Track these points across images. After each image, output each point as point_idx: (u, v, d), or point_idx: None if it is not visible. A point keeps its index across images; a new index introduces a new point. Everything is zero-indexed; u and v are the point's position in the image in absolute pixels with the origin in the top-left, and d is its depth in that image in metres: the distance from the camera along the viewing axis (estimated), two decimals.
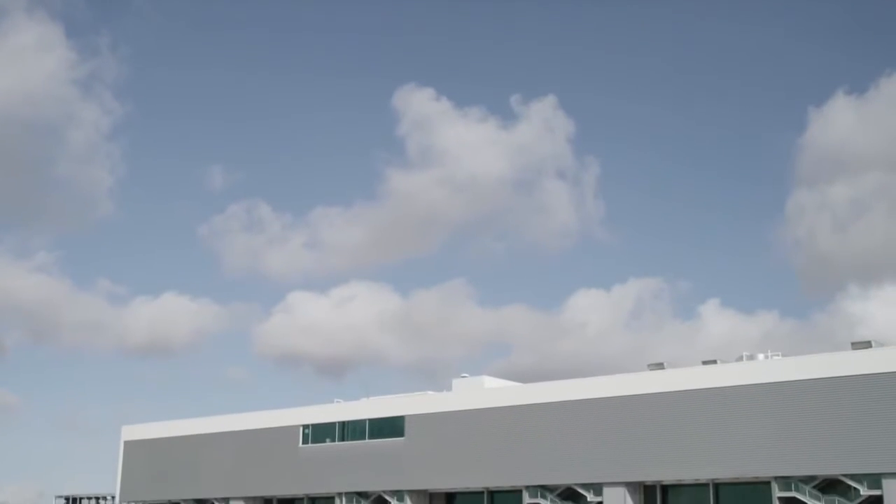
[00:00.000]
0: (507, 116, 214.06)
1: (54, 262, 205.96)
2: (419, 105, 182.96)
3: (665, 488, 76.23)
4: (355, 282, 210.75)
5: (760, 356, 75.10)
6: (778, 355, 74.64)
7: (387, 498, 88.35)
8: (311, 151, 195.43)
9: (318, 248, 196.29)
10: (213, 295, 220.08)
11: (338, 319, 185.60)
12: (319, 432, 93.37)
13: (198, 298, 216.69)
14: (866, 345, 69.49)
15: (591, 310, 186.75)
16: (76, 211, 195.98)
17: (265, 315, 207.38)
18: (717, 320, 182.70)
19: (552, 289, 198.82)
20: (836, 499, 67.74)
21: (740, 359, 76.00)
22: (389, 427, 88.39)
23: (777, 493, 69.40)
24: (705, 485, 73.68)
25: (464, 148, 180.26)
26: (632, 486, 75.65)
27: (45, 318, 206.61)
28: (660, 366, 77.97)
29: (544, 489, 79.77)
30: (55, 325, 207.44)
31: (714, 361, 76.01)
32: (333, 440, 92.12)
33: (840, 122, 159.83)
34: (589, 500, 77.24)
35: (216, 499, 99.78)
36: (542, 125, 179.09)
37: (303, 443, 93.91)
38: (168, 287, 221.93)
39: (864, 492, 66.28)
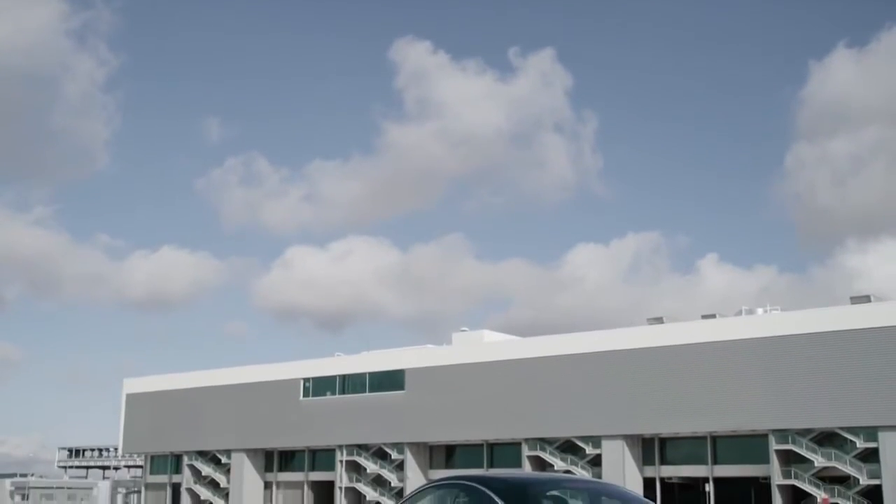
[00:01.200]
0: (504, 69, 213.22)
1: (52, 216, 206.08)
2: (417, 58, 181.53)
3: (663, 441, 76.91)
4: (353, 236, 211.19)
5: (759, 311, 75.43)
6: (777, 310, 74.96)
7: (387, 450, 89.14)
8: (307, 104, 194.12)
9: (316, 201, 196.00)
10: (211, 249, 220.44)
11: (336, 274, 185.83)
12: (320, 385, 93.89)
13: (196, 252, 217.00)
14: (865, 299, 69.79)
15: (590, 264, 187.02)
16: (73, 164, 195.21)
17: (264, 269, 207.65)
18: (715, 275, 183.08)
19: (550, 243, 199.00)
20: (833, 451, 68.40)
21: (739, 313, 76.33)
22: (389, 380, 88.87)
23: (774, 445, 70.06)
24: (703, 438, 74.33)
25: (461, 101, 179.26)
26: (630, 439, 76.33)
27: (44, 271, 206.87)
28: (659, 320, 78.29)
29: (543, 442, 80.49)
30: (55, 278, 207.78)
31: (713, 316, 76.38)
32: (334, 393, 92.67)
33: (840, 75, 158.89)
34: (587, 452, 78.01)
35: (218, 451, 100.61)
36: (540, 78, 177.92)
37: (303, 396, 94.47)
38: (166, 241, 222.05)
39: (861, 444, 66.93)
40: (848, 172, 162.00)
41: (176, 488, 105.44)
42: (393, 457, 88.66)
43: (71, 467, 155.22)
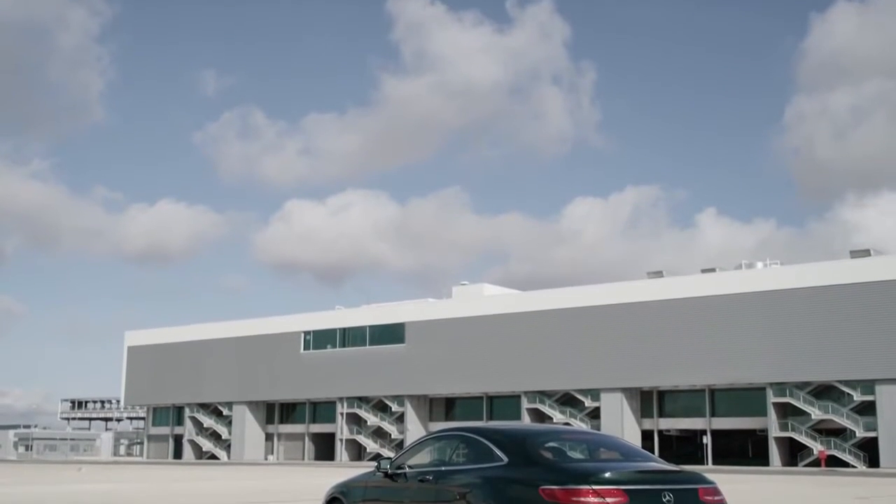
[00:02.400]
0: (502, 21, 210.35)
1: (49, 169, 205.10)
2: (413, 9, 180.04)
3: (661, 394, 77.44)
4: (351, 190, 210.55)
5: (759, 264, 75.49)
6: (776, 264, 75.04)
7: (387, 403, 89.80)
8: (303, 57, 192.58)
9: (314, 155, 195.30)
10: (209, 202, 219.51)
11: (335, 227, 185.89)
12: (320, 338, 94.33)
13: (194, 206, 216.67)
14: (865, 253, 69.83)
15: (588, 218, 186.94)
16: (68, 116, 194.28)
17: (263, 223, 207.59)
18: (713, 228, 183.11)
19: (549, 197, 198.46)
20: (830, 404, 68.88)
21: (739, 267, 76.41)
22: (390, 333, 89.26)
23: (771, 398, 70.54)
24: (701, 391, 74.82)
25: (458, 53, 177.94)
26: (629, 392, 76.85)
27: (42, 224, 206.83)
28: (658, 274, 78.41)
29: (543, 395, 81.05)
30: (53, 231, 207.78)
31: (713, 270, 76.46)
32: (334, 346, 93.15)
33: (841, 27, 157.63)
34: (586, 405, 78.57)
35: (219, 403, 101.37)
36: (538, 29, 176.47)
37: (304, 349, 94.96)
38: (164, 194, 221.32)
39: (858, 397, 67.39)
40: (848, 125, 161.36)
41: (178, 440, 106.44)
42: (393, 409, 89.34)
43: (74, 419, 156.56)
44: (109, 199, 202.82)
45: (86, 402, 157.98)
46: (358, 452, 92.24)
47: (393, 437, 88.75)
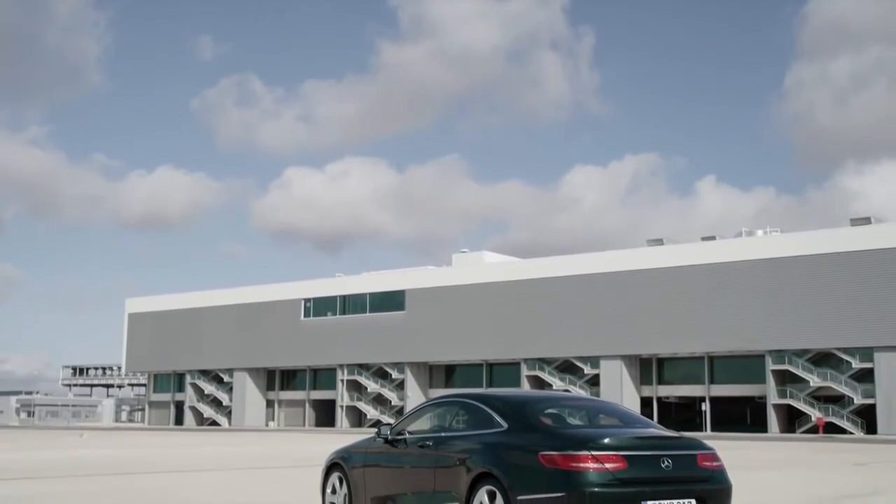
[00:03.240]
0: None
1: (47, 136, 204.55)
2: None
3: (661, 361, 77.70)
4: (350, 157, 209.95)
5: (759, 232, 75.45)
6: (777, 231, 74.99)
7: (387, 370, 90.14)
8: (300, 23, 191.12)
9: (312, 122, 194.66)
10: (207, 169, 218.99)
11: (334, 195, 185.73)
12: (321, 306, 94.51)
13: (193, 173, 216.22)
14: (865, 221, 69.79)
15: (588, 186, 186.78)
16: (65, 82, 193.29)
17: (262, 191, 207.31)
18: (712, 196, 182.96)
19: (548, 164, 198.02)
20: (829, 371, 69.14)
21: (739, 235, 76.37)
22: (390, 301, 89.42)
23: (770, 366, 70.79)
24: (700, 358, 75.07)
25: (457, 19, 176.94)
26: (628, 359, 77.10)
27: (41, 191, 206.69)
28: (658, 241, 78.41)
29: (542, 362, 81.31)
30: (52, 199, 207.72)
31: (713, 237, 76.42)
32: (335, 314, 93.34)
33: None
34: (586, 372, 78.85)
35: (220, 370, 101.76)
36: None
37: (304, 316, 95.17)
38: (163, 161, 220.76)
39: (856, 365, 67.62)
40: (848, 92, 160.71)
41: (179, 406, 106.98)
42: (393, 376, 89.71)
43: (75, 385, 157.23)
44: (108, 166, 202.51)
45: (87, 369, 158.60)
46: (358, 419, 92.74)
47: (393, 403, 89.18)
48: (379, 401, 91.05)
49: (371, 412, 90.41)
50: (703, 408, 74.45)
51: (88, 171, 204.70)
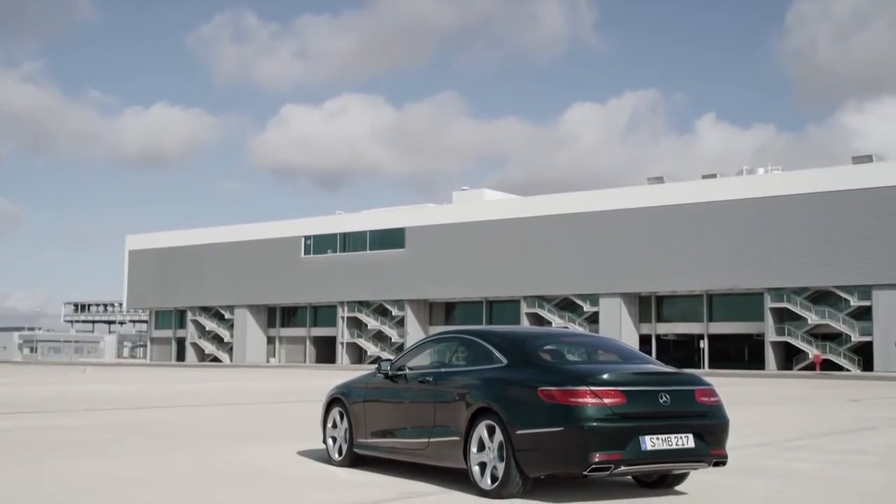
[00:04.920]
0: None
1: (42, 72, 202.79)
2: None
3: (660, 299, 78.00)
4: (347, 94, 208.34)
5: (760, 170, 75.22)
6: (778, 169, 74.75)
7: (387, 307, 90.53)
8: None
9: (308, 57, 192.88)
10: (204, 105, 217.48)
11: (332, 132, 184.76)
12: (321, 243, 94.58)
13: (189, 109, 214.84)
14: (867, 159, 69.52)
15: (586, 123, 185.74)
16: (56, 15, 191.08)
17: (259, 128, 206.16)
18: (712, 134, 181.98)
19: (546, 101, 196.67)
20: (827, 309, 69.45)
21: (740, 173, 76.12)
22: (390, 238, 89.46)
23: (769, 303, 71.07)
24: (699, 296, 75.35)
25: None
26: (627, 297, 77.38)
27: (37, 128, 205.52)
28: (659, 179, 78.18)
29: (542, 300, 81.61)
30: (48, 135, 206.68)
31: (713, 175, 76.20)
32: (335, 251, 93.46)
33: None
34: (585, 309, 79.18)
35: (221, 307, 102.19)
36: None
37: (304, 253, 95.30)
38: (158, 98, 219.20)
39: (855, 303, 67.89)
40: (850, 29, 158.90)
41: (180, 343, 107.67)
42: (393, 313, 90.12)
43: (77, 321, 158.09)
44: (104, 103, 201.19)
45: (88, 306, 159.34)
46: (359, 355, 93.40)
47: (393, 340, 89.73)
48: (379, 338, 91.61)
49: (371, 349, 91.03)
50: (702, 345, 74.95)
51: (84, 108, 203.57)
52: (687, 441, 7.78)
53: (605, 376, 7.73)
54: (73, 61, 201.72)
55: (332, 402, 10.42)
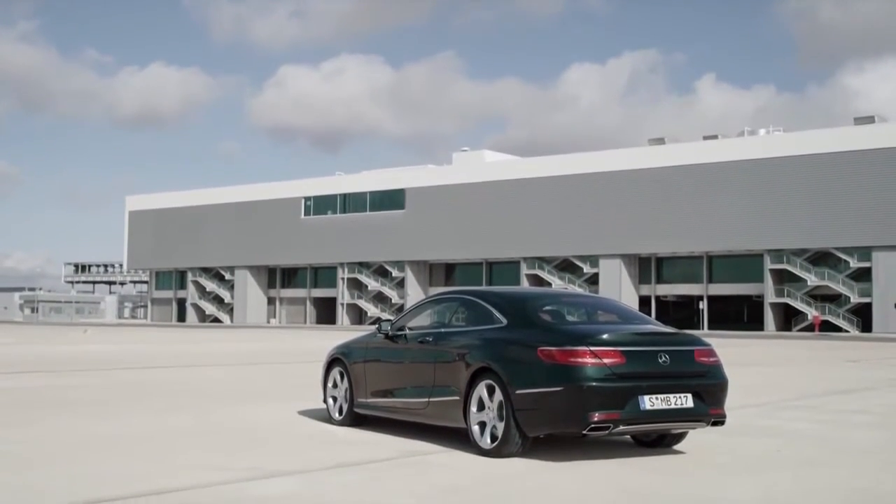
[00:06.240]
0: None
1: (37, 31, 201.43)
2: None
3: (659, 260, 78.06)
4: (345, 54, 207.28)
5: (762, 131, 74.91)
6: (779, 130, 74.46)
7: (388, 268, 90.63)
8: None
9: (305, 17, 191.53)
10: (201, 65, 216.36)
11: (330, 93, 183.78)
12: (321, 204, 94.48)
13: (186, 69, 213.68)
14: (869, 120, 69.24)
15: (586, 84, 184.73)
16: None
17: (257, 88, 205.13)
18: (712, 95, 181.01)
19: (545, 62, 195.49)
20: (826, 271, 69.52)
21: (741, 134, 75.83)
22: (390, 199, 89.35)
23: (769, 265, 71.14)
24: (699, 257, 75.39)
25: None
26: (627, 258, 77.44)
27: (33, 87, 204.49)
28: (660, 141, 77.93)
29: (542, 261, 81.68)
30: (45, 94, 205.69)
31: (715, 136, 75.91)
32: (335, 212, 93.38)
33: None
34: (585, 271, 79.29)
35: (221, 268, 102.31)
36: None
37: (305, 214, 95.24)
38: (155, 57, 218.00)
39: (854, 264, 67.96)
40: None
41: (181, 303, 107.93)
42: (393, 274, 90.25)
43: (78, 282, 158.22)
44: (100, 62, 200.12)
45: (89, 266, 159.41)
46: (359, 316, 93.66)
47: (393, 301, 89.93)
48: (379, 299, 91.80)
49: (371, 310, 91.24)
50: (701, 306, 75.11)
51: (80, 67, 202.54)
52: (686, 401, 7.80)
53: (605, 336, 7.73)
54: (69, 20, 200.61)
55: (332, 363, 10.44)
